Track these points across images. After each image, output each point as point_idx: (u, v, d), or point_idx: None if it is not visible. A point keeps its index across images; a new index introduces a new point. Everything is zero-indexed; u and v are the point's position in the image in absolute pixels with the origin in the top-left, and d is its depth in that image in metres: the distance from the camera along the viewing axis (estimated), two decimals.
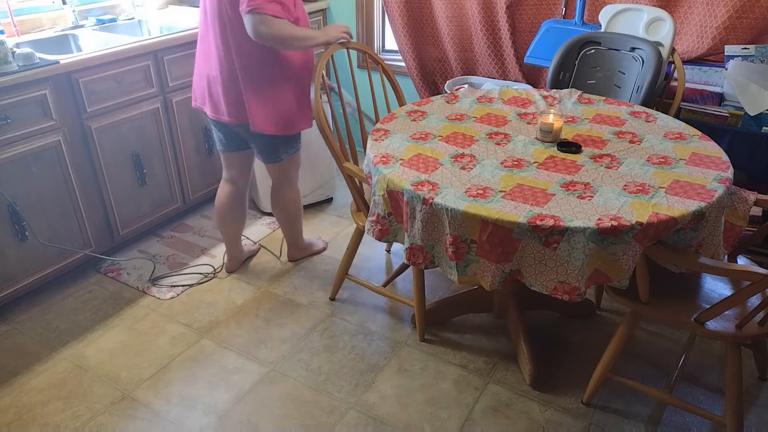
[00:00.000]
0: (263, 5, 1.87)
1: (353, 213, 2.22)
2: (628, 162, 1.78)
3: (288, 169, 2.38)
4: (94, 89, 2.35)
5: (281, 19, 1.92)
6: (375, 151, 1.87)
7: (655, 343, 2.18)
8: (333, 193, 3.21)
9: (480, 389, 1.99)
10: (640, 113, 2.14)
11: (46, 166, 2.26)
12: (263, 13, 1.87)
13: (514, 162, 1.79)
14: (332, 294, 2.41)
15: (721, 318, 1.62)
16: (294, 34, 1.97)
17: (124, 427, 1.86)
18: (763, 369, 2.01)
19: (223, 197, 2.44)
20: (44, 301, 2.42)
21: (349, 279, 2.37)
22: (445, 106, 2.24)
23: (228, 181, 2.42)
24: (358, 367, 2.08)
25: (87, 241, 2.50)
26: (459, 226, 1.56)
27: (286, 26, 1.94)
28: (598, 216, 1.49)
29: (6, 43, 2.07)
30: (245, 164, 2.40)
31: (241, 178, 2.42)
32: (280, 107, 2.14)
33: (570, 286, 1.52)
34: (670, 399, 1.83)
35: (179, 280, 2.55)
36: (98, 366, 2.09)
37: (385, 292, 2.34)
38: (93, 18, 2.87)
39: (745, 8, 2.36)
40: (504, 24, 2.89)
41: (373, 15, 3.43)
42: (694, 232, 1.55)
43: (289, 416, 1.89)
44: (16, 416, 1.89)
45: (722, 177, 1.67)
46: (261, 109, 2.11)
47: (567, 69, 2.53)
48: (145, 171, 2.64)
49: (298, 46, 2.04)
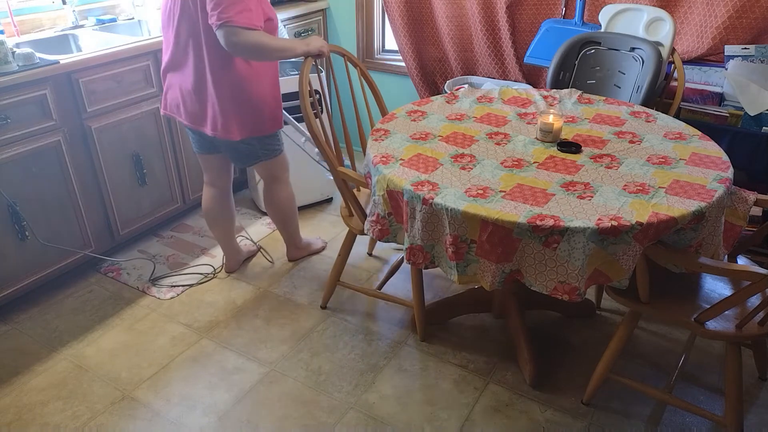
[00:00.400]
0: (234, 17, 1.83)
1: (344, 218, 2.21)
2: (628, 162, 1.78)
3: (273, 170, 2.37)
4: (94, 89, 2.35)
5: (255, 30, 1.88)
6: (375, 151, 1.87)
7: (655, 343, 2.18)
8: (333, 193, 3.21)
9: (480, 389, 1.99)
10: (640, 113, 2.14)
11: (46, 166, 2.26)
12: (235, 25, 1.84)
13: (514, 162, 1.79)
14: (323, 302, 2.38)
15: (721, 318, 1.62)
16: (271, 46, 1.93)
17: (124, 427, 1.86)
18: (763, 369, 2.01)
19: (207, 201, 2.44)
20: (44, 301, 2.42)
21: (341, 286, 2.35)
22: (445, 106, 2.24)
23: (209, 184, 2.43)
24: (358, 367, 2.08)
25: (87, 241, 2.50)
26: (459, 226, 1.56)
27: (261, 37, 1.90)
28: (598, 216, 1.49)
29: (6, 43, 2.07)
30: (223, 166, 2.39)
31: (220, 180, 2.41)
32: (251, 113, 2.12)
33: (570, 286, 1.52)
34: (670, 399, 1.83)
35: (179, 280, 2.55)
36: (98, 366, 2.09)
37: (381, 295, 2.32)
38: (93, 18, 2.87)
39: (745, 8, 2.36)
40: (504, 24, 2.89)
41: (373, 15, 3.43)
42: (694, 232, 1.55)
43: (289, 416, 1.89)
44: (16, 416, 1.89)
45: (722, 177, 1.67)
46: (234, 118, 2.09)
47: (567, 69, 2.53)
48: (145, 171, 2.64)
49: (276, 57, 2.02)
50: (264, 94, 2.14)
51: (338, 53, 2.27)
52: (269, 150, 2.28)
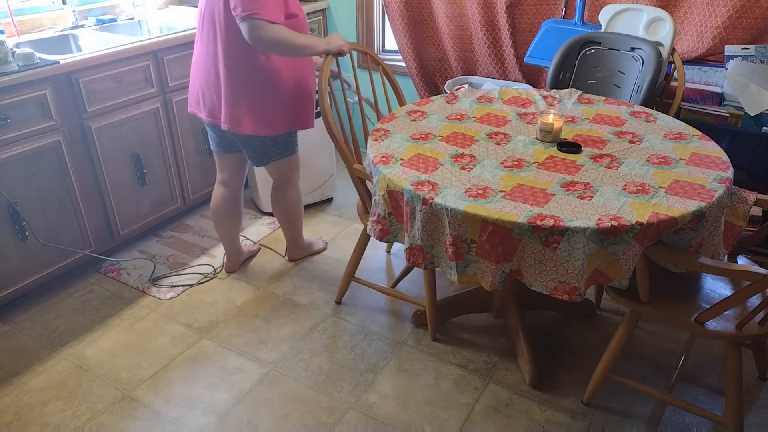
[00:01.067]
0: (258, 10, 1.83)
1: (361, 215, 2.22)
2: (628, 162, 1.78)
3: (285, 171, 2.36)
4: (94, 89, 2.35)
5: (278, 25, 1.89)
6: (375, 151, 1.87)
7: (655, 343, 2.18)
8: (333, 193, 3.21)
9: (480, 389, 1.99)
10: (640, 113, 2.14)
11: (46, 166, 2.26)
12: (260, 18, 1.84)
13: (514, 162, 1.79)
14: (338, 297, 2.40)
15: (721, 318, 1.62)
16: (293, 42, 1.93)
17: (124, 427, 1.86)
18: (763, 369, 2.01)
19: (218, 199, 2.44)
20: (44, 301, 2.42)
21: (356, 281, 2.37)
22: (445, 106, 2.24)
23: (221, 183, 2.42)
24: (358, 367, 2.08)
25: (87, 241, 2.50)
26: (459, 226, 1.56)
27: (283, 31, 1.90)
28: (598, 216, 1.49)
29: (6, 43, 2.07)
30: (238, 166, 2.39)
31: (234, 180, 2.41)
32: (263, 109, 2.10)
33: (570, 286, 1.52)
34: (670, 399, 1.83)
35: (179, 280, 2.55)
36: (98, 366, 2.09)
37: (395, 293, 2.34)
38: (93, 18, 2.87)
39: (745, 8, 2.36)
40: (504, 24, 2.89)
41: (373, 15, 3.43)
42: (694, 232, 1.55)
43: (289, 416, 1.89)
44: (16, 416, 1.89)
45: (722, 177, 1.67)
46: (245, 112, 2.08)
47: (567, 69, 2.53)
48: (145, 171, 2.64)
49: (297, 53, 2.02)
50: (282, 93, 2.12)
51: (360, 51, 2.31)
52: (283, 150, 2.28)
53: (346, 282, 2.36)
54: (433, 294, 2.13)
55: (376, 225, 1.80)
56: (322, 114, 2.03)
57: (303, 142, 2.90)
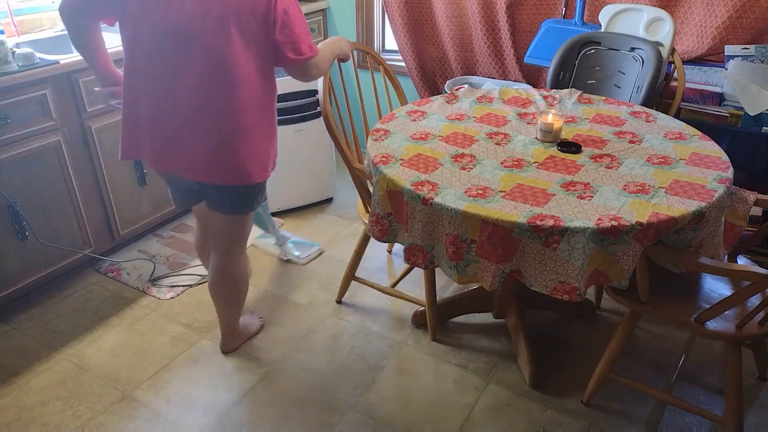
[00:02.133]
0: (315, 47, 1.70)
1: (361, 215, 2.22)
2: (628, 162, 1.78)
3: (243, 228, 1.90)
4: (94, 89, 2.34)
5: None
6: (375, 151, 1.87)
7: (655, 343, 2.19)
8: (333, 193, 3.21)
9: (480, 389, 1.99)
10: (640, 113, 2.14)
11: (46, 166, 2.26)
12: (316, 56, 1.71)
13: (514, 162, 1.79)
14: (339, 297, 2.40)
15: (721, 318, 1.62)
16: (328, 64, 1.86)
17: (124, 427, 1.86)
18: (763, 369, 2.01)
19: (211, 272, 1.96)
20: (44, 301, 2.42)
21: (356, 281, 2.37)
22: (445, 106, 2.24)
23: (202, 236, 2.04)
24: (358, 367, 2.08)
25: (87, 241, 2.50)
26: (459, 226, 1.56)
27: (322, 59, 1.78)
28: (598, 216, 1.49)
29: (6, 43, 2.07)
30: None
31: None
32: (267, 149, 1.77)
33: (570, 286, 1.52)
34: (670, 399, 1.83)
35: (179, 281, 2.55)
36: (98, 366, 2.09)
37: (395, 293, 2.34)
38: None
39: (745, 8, 2.36)
40: (504, 24, 2.89)
41: (373, 15, 3.43)
42: (694, 232, 1.55)
43: (289, 416, 1.89)
44: (16, 416, 1.89)
45: (722, 177, 1.67)
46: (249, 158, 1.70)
47: (567, 69, 2.53)
48: (145, 171, 2.64)
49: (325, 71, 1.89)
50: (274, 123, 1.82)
51: (362, 51, 2.30)
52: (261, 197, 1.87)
53: (347, 282, 2.36)
54: (433, 294, 2.13)
55: (375, 225, 1.80)
56: (323, 114, 2.03)
57: (303, 142, 2.91)
